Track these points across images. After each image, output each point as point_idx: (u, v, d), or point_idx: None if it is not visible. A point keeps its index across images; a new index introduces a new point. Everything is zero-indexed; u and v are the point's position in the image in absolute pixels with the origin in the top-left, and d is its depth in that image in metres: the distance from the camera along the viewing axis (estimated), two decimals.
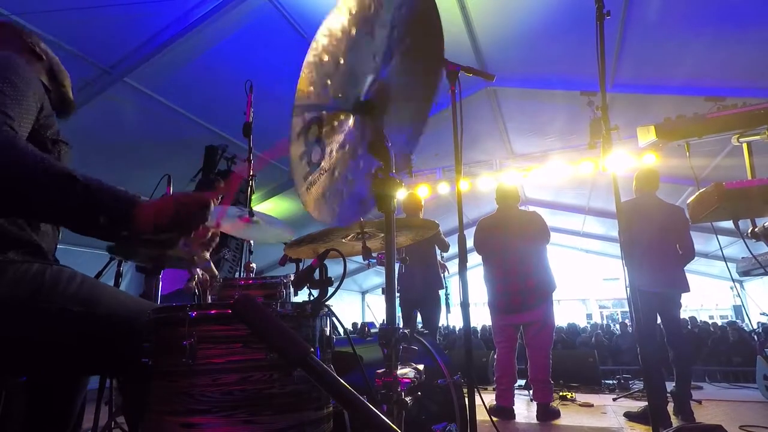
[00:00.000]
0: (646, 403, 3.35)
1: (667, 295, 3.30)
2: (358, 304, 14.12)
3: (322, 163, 1.07)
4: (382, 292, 1.04)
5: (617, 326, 12.42)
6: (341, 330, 1.56)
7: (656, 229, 3.36)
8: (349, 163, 1.16)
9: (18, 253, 1.06)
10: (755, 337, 5.20)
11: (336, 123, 1.09)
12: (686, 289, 3.35)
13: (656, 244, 3.34)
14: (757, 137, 2.40)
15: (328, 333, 1.16)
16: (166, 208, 0.93)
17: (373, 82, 1.09)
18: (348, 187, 1.17)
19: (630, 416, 3.35)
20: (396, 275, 1.05)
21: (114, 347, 1.12)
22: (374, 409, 0.72)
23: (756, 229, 2.07)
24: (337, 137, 1.10)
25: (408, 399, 0.98)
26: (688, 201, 1.90)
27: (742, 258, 6.74)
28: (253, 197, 2.56)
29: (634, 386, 4.92)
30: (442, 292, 4.29)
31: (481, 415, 2.24)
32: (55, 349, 1.07)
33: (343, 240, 1.51)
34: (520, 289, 3.57)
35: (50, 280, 1.06)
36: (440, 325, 4.71)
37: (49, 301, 1.04)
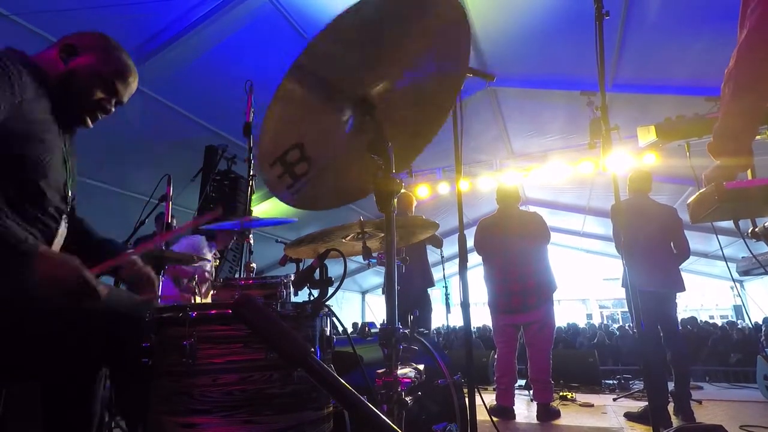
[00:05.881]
0: (647, 403, 3.35)
1: (662, 294, 3.30)
2: (358, 304, 14.11)
3: (310, 170, 1.15)
4: (382, 292, 1.04)
5: (615, 326, 12.40)
6: (341, 330, 1.56)
7: (652, 229, 3.37)
8: (342, 155, 1.21)
9: None
10: (760, 335, 5.22)
11: (331, 119, 1.12)
12: (681, 288, 3.36)
13: (652, 244, 3.34)
14: (758, 137, 2.39)
15: (328, 333, 1.16)
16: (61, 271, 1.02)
17: (383, 85, 1.10)
18: (337, 176, 1.25)
19: (630, 416, 3.35)
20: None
21: (109, 338, 1.11)
22: (374, 409, 0.72)
23: (756, 229, 2.06)
24: (331, 133, 1.13)
25: (408, 399, 0.98)
26: (688, 201, 1.90)
27: (742, 258, 6.75)
28: (252, 197, 2.57)
29: (635, 386, 4.91)
30: (433, 291, 4.23)
31: (482, 415, 2.23)
32: (47, 343, 1.06)
33: (343, 240, 1.51)
34: (521, 289, 3.57)
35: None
36: (440, 325, 4.67)
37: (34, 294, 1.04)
